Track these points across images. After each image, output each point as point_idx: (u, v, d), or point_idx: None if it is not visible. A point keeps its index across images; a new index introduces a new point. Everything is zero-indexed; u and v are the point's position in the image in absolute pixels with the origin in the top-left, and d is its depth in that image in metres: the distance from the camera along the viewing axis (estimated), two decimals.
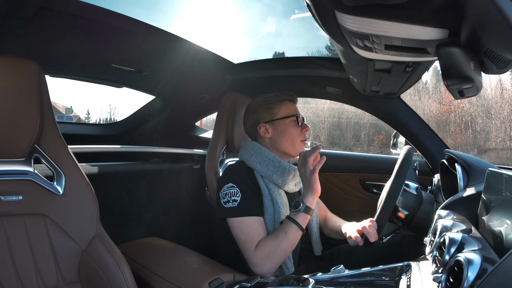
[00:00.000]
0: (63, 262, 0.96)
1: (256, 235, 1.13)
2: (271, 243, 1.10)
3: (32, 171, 0.96)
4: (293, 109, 1.29)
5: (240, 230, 1.14)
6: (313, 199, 1.12)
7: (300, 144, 1.27)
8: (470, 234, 0.64)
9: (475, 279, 0.48)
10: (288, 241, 1.09)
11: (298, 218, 1.10)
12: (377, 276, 0.80)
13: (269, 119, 1.28)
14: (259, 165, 1.23)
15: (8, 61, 0.92)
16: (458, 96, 0.58)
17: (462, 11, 0.50)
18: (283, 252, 1.10)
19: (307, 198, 1.12)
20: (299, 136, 1.26)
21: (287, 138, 1.26)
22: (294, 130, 1.26)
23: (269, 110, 1.28)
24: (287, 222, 1.11)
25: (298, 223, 1.10)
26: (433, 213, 1.08)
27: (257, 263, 1.10)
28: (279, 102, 1.29)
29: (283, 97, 1.29)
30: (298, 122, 1.27)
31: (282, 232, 1.10)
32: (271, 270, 1.11)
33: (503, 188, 0.63)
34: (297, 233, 1.11)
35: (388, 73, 1.05)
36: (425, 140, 1.55)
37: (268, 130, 1.28)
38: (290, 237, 1.09)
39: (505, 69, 0.55)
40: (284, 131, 1.26)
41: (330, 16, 0.65)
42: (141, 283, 1.12)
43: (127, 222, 1.68)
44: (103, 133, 2.19)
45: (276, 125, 1.27)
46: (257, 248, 1.10)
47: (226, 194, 1.18)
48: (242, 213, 1.14)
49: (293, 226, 1.10)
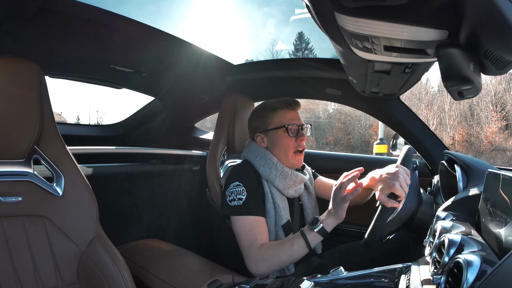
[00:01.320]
0: (62, 264, 0.96)
1: (258, 234, 1.12)
2: (274, 249, 1.09)
3: (32, 172, 0.96)
4: (287, 117, 1.25)
5: (242, 228, 1.14)
6: (333, 224, 1.07)
7: (293, 156, 1.24)
8: (470, 236, 0.64)
9: (475, 280, 0.48)
10: (290, 254, 1.07)
11: (309, 236, 1.07)
12: (376, 277, 0.80)
13: (263, 129, 1.27)
14: (262, 167, 1.23)
15: (8, 62, 0.92)
16: (457, 97, 0.58)
17: (462, 12, 0.50)
18: (281, 262, 1.08)
19: (327, 221, 1.07)
20: (292, 146, 1.23)
21: (280, 148, 1.24)
22: (287, 140, 1.23)
23: (262, 119, 1.28)
24: (298, 235, 1.09)
25: (308, 240, 1.07)
26: (432, 214, 1.08)
27: (253, 263, 1.09)
28: (272, 111, 1.26)
29: (277, 105, 1.26)
30: (288, 132, 1.22)
31: (289, 243, 1.08)
32: (264, 274, 1.09)
33: (503, 189, 0.63)
34: (303, 250, 1.07)
35: (387, 74, 1.05)
36: (425, 141, 1.55)
37: (263, 140, 1.28)
38: (294, 250, 1.07)
39: (504, 70, 0.55)
40: (277, 142, 1.24)
41: (329, 18, 0.65)
42: (140, 284, 1.12)
43: (127, 223, 1.67)
44: (103, 134, 2.19)
45: (270, 135, 1.26)
46: (259, 248, 1.10)
47: (232, 193, 1.18)
48: (247, 211, 1.14)
49: (301, 242, 1.07)
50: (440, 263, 0.59)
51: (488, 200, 0.69)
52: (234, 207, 1.16)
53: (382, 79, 1.13)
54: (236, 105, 1.47)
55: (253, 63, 1.72)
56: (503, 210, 0.61)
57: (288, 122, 1.24)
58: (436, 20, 0.56)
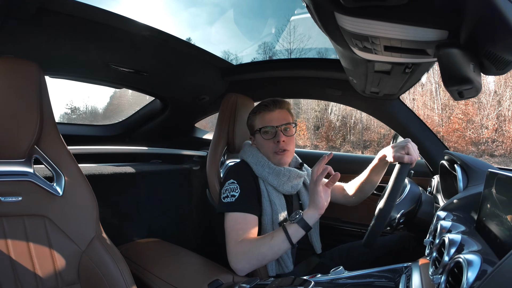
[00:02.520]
0: (63, 263, 0.96)
1: (241, 231, 1.11)
2: (254, 243, 1.07)
3: (32, 172, 0.96)
4: (265, 120, 1.25)
5: (230, 223, 1.14)
6: (313, 213, 1.04)
7: (273, 156, 1.24)
8: (470, 236, 0.64)
9: (475, 280, 0.48)
10: (270, 247, 1.04)
11: (289, 229, 1.05)
12: (377, 277, 0.80)
13: (250, 131, 1.33)
14: (255, 166, 1.24)
15: (8, 61, 0.92)
16: (457, 97, 0.58)
17: (462, 12, 0.50)
18: (261, 256, 1.05)
19: (308, 211, 1.05)
20: (271, 148, 1.24)
21: (264, 150, 1.27)
22: (265, 142, 1.25)
23: (249, 122, 1.33)
24: (279, 229, 1.07)
25: (288, 233, 1.04)
26: (432, 214, 1.08)
27: (233, 257, 1.08)
28: (254, 114, 1.30)
29: (256, 108, 1.29)
30: (262, 135, 1.25)
31: (269, 236, 1.06)
32: (246, 269, 1.08)
33: (503, 189, 0.63)
34: (284, 243, 1.04)
35: (387, 74, 1.05)
36: (425, 141, 1.55)
37: (254, 141, 1.32)
38: (275, 244, 1.04)
39: (504, 70, 0.55)
40: (260, 144, 1.28)
41: (329, 18, 0.65)
42: (141, 284, 1.12)
43: (127, 223, 1.67)
44: (103, 134, 2.19)
45: (256, 137, 1.30)
46: (239, 243, 1.09)
47: (226, 190, 1.19)
48: (237, 208, 1.14)
49: (282, 235, 1.04)
50: (440, 263, 0.60)
51: (488, 200, 0.69)
52: (226, 204, 1.16)
53: (382, 79, 1.13)
54: (236, 105, 1.47)
55: (253, 63, 1.73)
56: (503, 210, 0.61)
57: (264, 125, 1.25)
58: (436, 20, 0.56)
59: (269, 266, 1.18)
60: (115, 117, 2.45)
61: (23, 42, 1.18)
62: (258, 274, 1.17)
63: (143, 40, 1.29)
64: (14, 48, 1.22)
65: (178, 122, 2.21)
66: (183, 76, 1.70)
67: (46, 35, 1.16)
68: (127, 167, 1.74)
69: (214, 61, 1.60)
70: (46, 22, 1.08)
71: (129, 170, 1.72)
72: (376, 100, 1.54)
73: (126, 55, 1.43)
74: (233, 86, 1.83)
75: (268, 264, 1.18)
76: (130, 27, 1.20)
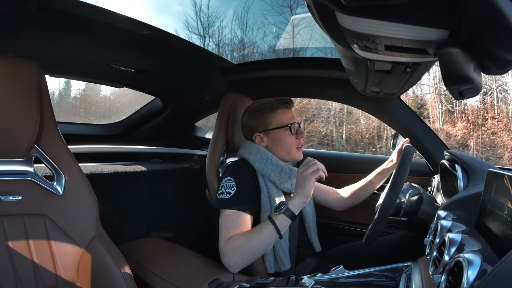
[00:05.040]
0: (63, 262, 0.96)
1: (232, 228, 1.11)
2: (243, 237, 1.08)
3: (32, 171, 0.96)
4: (288, 116, 1.27)
5: (223, 220, 1.13)
6: (299, 202, 1.08)
7: (296, 152, 1.27)
8: (470, 235, 0.64)
9: (475, 279, 0.48)
10: (259, 240, 1.06)
11: (276, 219, 1.07)
12: (377, 276, 0.80)
13: (263, 128, 1.28)
14: (257, 162, 1.23)
15: (8, 61, 0.92)
16: (458, 97, 0.58)
17: (462, 12, 0.50)
18: (252, 250, 1.07)
19: (293, 200, 1.08)
20: (294, 144, 1.26)
21: (282, 147, 1.26)
22: (289, 138, 1.25)
23: (263, 119, 1.28)
24: (266, 221, 1.09)
25: (276, 224, 1.06)
26: (433, 213, 1.08)
27: (224, 254, 1.09)
28: (272, 110, 1.28)
29: (277, 104, 1.28)
30: (291, 130, 1.25)
31: (257, 229, 1.08)
32: (239, 265, 1.09)
33: (503, 188, 0.63)
34: (272, 234, 1.07)
35: (388, 73, 1.05)
36: (425, 140, 1.55)
37: (263, 139, 1.29)
38: (264, 236, 1.06)
39: (505, 69, 0.55)
40: (279, 141, 1.26)
41: (330, 17, 0.65)
42: (141, 283, 1.13)
43: (127, 222, 1.68)
44: (103, 133, 2.19)
45: (271, 135, 1.27)
46: (229, 240, 1.09)
47: (223, 187, 1.18)
48: (231, 206, 1.14)
49: (270, 226, 1.06)
50: (441, 262, 0.60)
51: (489, 199, 0.69)
52: (222, 200, 1.16)
53: (383, 79, 1.13)
54: (235, 105, 1.47)
55: (253, 62, 1.72)
56: (504, 209, 0.61)
57: (289, 121, 1.26)
58: (437, 20, 0.56)
59: (267, 264, 1.19)
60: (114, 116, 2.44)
61: (23, 41, 1.18)
62: (257, 272, 1.17)
63: (143, 39, 1.29)
64: (15, 47, 1.22)
65: (178, 121, 2.21)
66: (184, 75, 1.70)
67: (46, 34, 1.16)
68: (127, 166, 1.74)
69: (215, 60, 1.60)
70: (46, 21, 1.08)
71: (130, 169, 1.72)
72: (377, 100, 1.54)
73: (126, 54, 1.43)
74: (234, 85, 1.83)
75: (267, 262, 1.19)
76: (131, 26, 1.19)
